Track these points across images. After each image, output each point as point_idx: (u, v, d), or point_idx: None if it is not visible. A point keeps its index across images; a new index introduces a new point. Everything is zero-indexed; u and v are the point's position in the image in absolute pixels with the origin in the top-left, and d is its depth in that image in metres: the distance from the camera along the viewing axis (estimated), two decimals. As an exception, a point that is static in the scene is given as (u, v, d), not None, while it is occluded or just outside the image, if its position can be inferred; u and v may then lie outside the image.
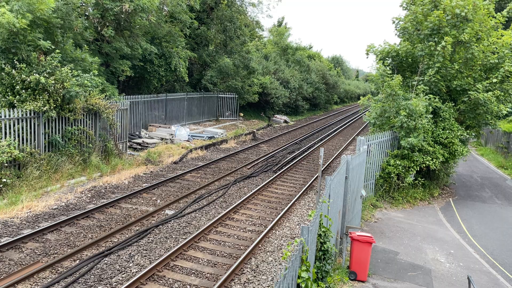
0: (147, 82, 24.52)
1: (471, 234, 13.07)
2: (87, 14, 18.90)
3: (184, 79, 26.40)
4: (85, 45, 17.31)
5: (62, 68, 13.88)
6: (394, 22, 18.14)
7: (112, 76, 20.66)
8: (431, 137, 15.46)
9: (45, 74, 13.40)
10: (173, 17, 25.53)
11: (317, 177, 16.27)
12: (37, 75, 13.05)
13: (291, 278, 4.78)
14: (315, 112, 50.68)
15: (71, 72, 14.12)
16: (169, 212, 12.12)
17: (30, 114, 13.14)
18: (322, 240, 6.86)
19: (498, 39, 16.21)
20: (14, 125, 12.67)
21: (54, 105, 13.57)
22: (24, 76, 12.97)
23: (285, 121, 37.06)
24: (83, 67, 16.10)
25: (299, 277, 5.24)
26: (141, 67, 22.76)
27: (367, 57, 18.68)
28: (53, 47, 14.19)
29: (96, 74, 15.75)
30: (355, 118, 47.37)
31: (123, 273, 8.35)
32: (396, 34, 18.47)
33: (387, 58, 17.54)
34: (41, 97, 13.20)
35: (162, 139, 21.70)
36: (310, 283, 5.34)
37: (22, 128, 12.93)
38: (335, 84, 58.54)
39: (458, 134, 15.57)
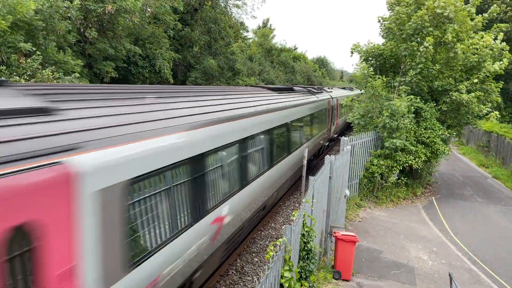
0: (131, 84, 24.35)
1: (453, 232, 13.28)
2: (69, 16, 18.69)
3: (169, 80, 26.29)
4: (68, 48, 17.10)
5: (43, 71, 13.70)
6: (379, 21, 18.30)
7: (96, 77, 20.46)
8: (414, 136, 15.66)
9: (26, 77, 13.21)
10: (157, 19, 25.40)
11: (301, 177, 16.34)
12: (17, 77, 12.85)
13: (273, 278, 4.80)
14: (301, 113, 50.77)
15: (52, 75, 13.94)
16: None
17: (10, 117, 12.91)
18: (305, 240, 6.90)
19: (479, 40, 16.49)
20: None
21: (36, 108, 13.35)
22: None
23: (271, 122, 37.08)
24: (65, 69, 15.91)
25: (282, 276, 5.27)
26: (125, 68, 22.59)
27: (351, 56, 18.60)
28: (34, 49, 14.00)
29: (78, 76, 15.58)
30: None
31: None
32: (380, 35, 18.66)
33: (370, 58, 17.71)
34: (22, 99, 12.98)
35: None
36: (293, 283, 5.37)
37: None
38: (319, 85, 58.92)
39: (440, 133, 15.80)
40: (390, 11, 18.38)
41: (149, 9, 24.50)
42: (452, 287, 8.18)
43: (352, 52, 18.01)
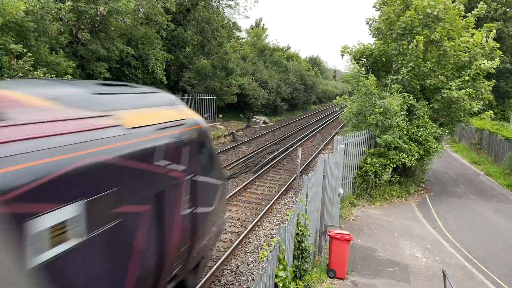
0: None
1: (446, 229, 13.37)
2: (61, 17, 18.57)
3: (162, 81, 26.19)
4: (60, 49, 16.99)
5: (35, 72, 13.61)
6: (368, 23, 18.42)
7: (89, 79, 20.33)
8: (406, 135, 15.76)
9: (17, 78, 13.12)
10: (149, 19, 25.29)
11: (296, 176, 16.38)
12: (8, 79, 12.76)
13: (268, 278, 4.81)
14: (294, 113, 50.97)
15: (44, 76, 13.85)
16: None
17: (2, 119, 12.82)
18: (299, 239, 6.93)
19: (470, 37, 16.61)
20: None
21: (28, 110, 13.26)
22: (-4, 81, 12.67)
23: (264, 122, 37.17)
24: (58, 71, 15.80)
25: (276, 276, 5.28)
26: (118, 69, 22.47)
27: (342, 58, 18.78)
28: (25, 50, 13.90)
29: (71, 77, 15.48)
30: (333, 117, 47.84)
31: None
32: (370, 35, 18.76)
33: (361, 58, 17.80)
34: (13, 101, 12.89)
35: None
36: (287, 282, 5.39)
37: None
38: (313, 84, 59.02)
39: (432, 131, 15.91)
40: (378, 11, 18.50)
41: (141, 10, 24.40)
42: (446, 284, 8.26)
43: (342, 54, 18.10)
